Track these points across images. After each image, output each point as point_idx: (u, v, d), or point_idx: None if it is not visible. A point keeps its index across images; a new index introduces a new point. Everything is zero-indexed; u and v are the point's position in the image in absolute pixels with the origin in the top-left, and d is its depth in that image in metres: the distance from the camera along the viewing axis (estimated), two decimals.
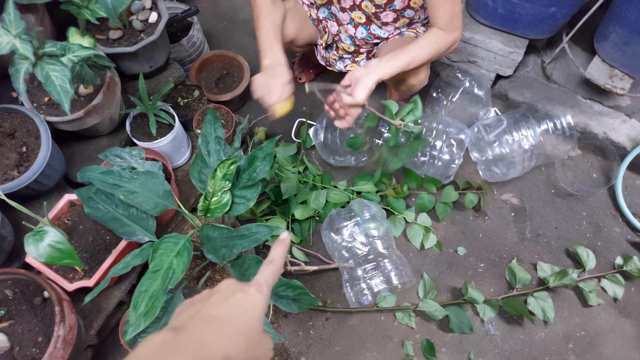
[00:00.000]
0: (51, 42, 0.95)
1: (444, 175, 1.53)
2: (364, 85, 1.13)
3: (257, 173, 1.13)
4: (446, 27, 1.18)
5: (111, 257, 1.24)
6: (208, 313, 0.41)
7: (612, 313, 1.47)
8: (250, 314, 0.43)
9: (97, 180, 1.08)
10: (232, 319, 0.41)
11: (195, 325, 0.39)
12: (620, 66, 1.54)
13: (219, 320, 0.40)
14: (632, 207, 1.61)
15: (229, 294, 0.44)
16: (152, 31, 1.41)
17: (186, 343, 0.37)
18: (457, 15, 1.18)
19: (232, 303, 0.42)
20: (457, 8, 1.17)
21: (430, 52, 1.19)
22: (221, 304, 0.42)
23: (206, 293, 0.45)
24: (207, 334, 0.38)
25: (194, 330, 0.39)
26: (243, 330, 0.41)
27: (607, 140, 1.64)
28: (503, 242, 1.58)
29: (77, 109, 1.27)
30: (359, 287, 1.39)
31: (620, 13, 1.39)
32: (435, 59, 1.26)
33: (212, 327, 0.39)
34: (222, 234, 1.08)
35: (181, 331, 0.38)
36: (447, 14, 1.17)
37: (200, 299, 0.45)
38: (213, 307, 0.42)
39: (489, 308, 1.44)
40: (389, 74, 1.16)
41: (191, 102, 1.56)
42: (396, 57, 1.17)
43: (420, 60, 1.19)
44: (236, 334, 0.40)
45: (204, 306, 0.42)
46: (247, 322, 0.42)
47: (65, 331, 1.12)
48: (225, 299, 0.43)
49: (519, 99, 1.72)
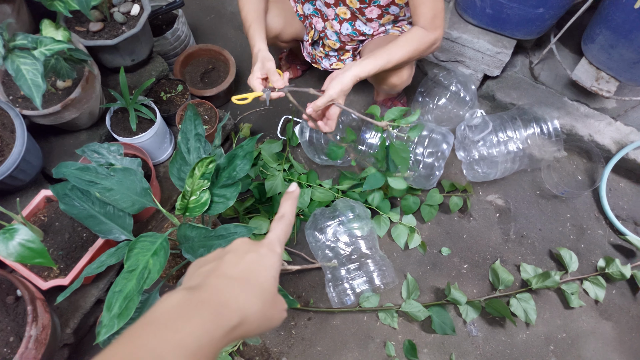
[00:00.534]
0: (22, 34, 0.92)
1: (425, 184, 1.52)
2: (338, 79, 1.09)
3: (237, 172, 1.11)
4: (428, 26, 1.16)
5: (87, 256, 1.21)
6: (224, 273, 0.41)
7: (593, 315, 1.47)
8: (265, 274, 0.42)
9: (72, 176, 1.06)
10: (248, 279, 0.41)
11: (212, 284, 0.39)
12: (606, 69, 1.54)
13: (236, 280, 0.40)
14: (615, 210, 1.62)
15: (242, 253, 0.43)
16: (133, 24, 1.37)
17: (203, 302, 0.37)
18: (440, 14, 1.16)
19: (247, 263, 0.42)
20: (440, 6, 1.16)
21: (410, 50, 1.17)
22: (236, 264, 0.42)
23: (219, 252, 0.45)
24: (225, 294, 0.38)
25: (211, 290, 0.38)
26: (258, 290, 0.40)
27: (592, 142, 1.64)
28: (487, 243, 1.58)
29: (54, 102, 1.24)
30: (341, 287, 1.37)
31: (607, 16, 1.39)
32: (418, 58, 1.25)
33: (229, 287, 0.39)
34: (200, 233, 1.06)
35: (198, 290, 0.38)
36: (429, 13, 1.15)
37: (213, 257, 0.44)
38: (229, 267, 0.41)
39: (472, 309, 1.44)
40: (367, 72, 1.13)
41: (174, 97, 1.53)
42: (375, 55, 1.15)
43: (399, 58, 1.17)
44: (252, 294, 0.40)
45: (218, 265, 0.42)
46: (262, 282, 0.41)
47: (37, 331, 1.09)
48: (239, 259, 0.42)
49: (506, 100, 1.71)
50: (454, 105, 1.60)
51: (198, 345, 0.34)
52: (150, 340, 0.33)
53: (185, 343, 0.33)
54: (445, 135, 1.45)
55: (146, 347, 0.32)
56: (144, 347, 0.32)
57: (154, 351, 0.32)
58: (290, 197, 0.52)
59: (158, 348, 0.32)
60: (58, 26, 1.03)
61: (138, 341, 0.33)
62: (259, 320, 0.39)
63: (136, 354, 0.32)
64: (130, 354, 0.32)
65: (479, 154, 1.52)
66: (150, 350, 0.32)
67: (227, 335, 0.36)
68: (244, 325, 0.38)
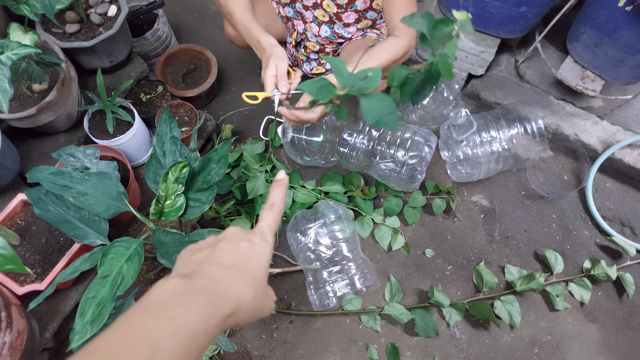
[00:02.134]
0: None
1: (408, 187, 1.50)
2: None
3: (211, 176, 1.10)
4: (404, 34, 1.14)
5: (64, 260, 1.20)
6: (218, 261, 0.41)
7: (579, 317, 1.46)
8: (257, 263, 0.43)
9: (46, 181, 1.05)
10: (242, 268, 0.41)
11: (206, 272, 0.39)
12: (592, 67, 1.52)
13: (230, 269, 0.40)
14: (601, 210, 1.61)
15: (236, 242, 0.43)
16: (110, 25, 1.35)
17: (199, 290, 0.37)
18: None
19: (241, 252, 0.42)
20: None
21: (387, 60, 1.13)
22: (230, 253, 0.42)
23: (212, 239, 0.45)
24: (219, 282, 0.38)
25: (206, 278, 0.39)
26: (252, 280, 0.41)
27: (578, 142, 1.62)
28: (471, 244, 1.57)
29: (30, 105, 1.22)
30: (323, 290, 1.36)
31: (590, 14, 1.37)
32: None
33: (223, 276, 0.39)
34: (174, 239, 1.05)
35: (192, 278, 0.38)
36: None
37: (206, 245, 0.44)
38: (223, 256, 0.41)
39: (455, 312, 1.43)
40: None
41: (154, 98, 1.52)
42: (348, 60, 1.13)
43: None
44: (245, 283, 0.40)
45: (212, 253, 0.42)
46: (254, 272, 0.42)
47: (12, 337, 1.08)
48: (233, 248, 0.43)
49: (491, 99, 1.69)
50: (438, 104, 1.58)
51: (193, 333, 0.33)
52: (146, 328, 0.32)
53: (181, 331, 0.33)
54: (427, 138, 1.43)
55: (142, 334, 0.32)
56: (139, 334, 0.32)
57: (150, 339, 0.32)
58: (280, 185, 0.52)
59: (154, 336, 0.32)
60: (27, 30, 1.01)
61: (133, 328, 0.33)
62: (251, 310, 0.40)
63: (131, 342, 0.31)
64: (126, 342, 0.31)
65: (463, 154, 1.51)
66: (146, 337, 0.32)
67: (221, 324, 0.36)
68: (236, 314, 0.38)
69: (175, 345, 0.32)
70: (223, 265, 0.40)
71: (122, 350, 0.31)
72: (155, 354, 0.31)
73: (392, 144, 1.45)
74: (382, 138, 1.47)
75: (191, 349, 0.33)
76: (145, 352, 0.31)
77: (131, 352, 0.30)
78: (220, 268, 0.40)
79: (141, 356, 0.30)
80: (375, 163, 1.48)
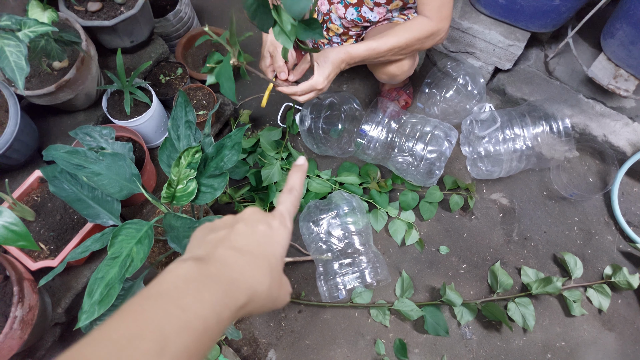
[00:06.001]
0: (7, 15, 0.90)
1: (425, 182, 1.46)
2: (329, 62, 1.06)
3: (224, 162, 1.09)
4: (433, 16, 1.10)
5: (77, 238, 1.21)
6: (233, 245, 0.39)
7: (596, 325, 1.42)
8: (274, 250, 0.41)
9: (61, 159, 1.05)
10: (259, 254, 0.39)
11: (221, 257, 0.37)
12: (626, 66, 1.45)
13: (245, 255, 0.38)
14: (627, 215, 1.54)
15: (253, 224, 0.41)
16: (132, 4, 1.35)
17: (213, 277, 0.35)
18: (447, 4, 1.10)
19: (258, 236, 0.40)
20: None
21: (408, 38, 1.11)
22: (247, 236, 0.40)
23: (229, 219, 0.43)
24: (235, 270, 0.36)
25: (220, 263, 0.37)
26: (267, 267, 0.39)
27: (606, 143, 1.56)
28: (488, 243, 1.53)
29: (50, 83, 1.22)
30: (333, 281, 1.35)
31: (628, 10, 1.30)
32: (419, 49, 1.19)
33: (239, 262, 0.37)
34: (185, 224, 1.04)
35: (206, 263, 0.36)
36: (435, 2, 1.09)
37: (223, 224, 0.42)
38: (239, 238, 0.39)
39: (467, 311, 1.40)
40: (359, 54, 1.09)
41: (173, 80, 1.51)
42: (369, 39, 1.11)
43: (393, 44, 1.12)
44: (261, 272, 0.38)
45: (228, 235, 0.40)
46: (270, 259, 0.39)
47: (24, 312, 1.10)
48: (251, 230, 0.41)
49: (517, 95, 1.64)
50: (462, 98, 1.53)
51: (205, 326, 0.32)
52: (155, 317, 0.31)
53: (192, 325, 0.31)
54: (447, 133, 1.39)
55: (150, 324, 0.30)
56: (148, 324, 0.30)
57: (158, 330, 0.30)
58: (299, 170, 0.50)
59: (163, 327, 0.30)
60: (46, 7, 1.00)
61: (141, 317, 0.31)
62: (264, 300, 0.38)
63: (139, 332, 0.29)
64: (133, 331, 0.29)
65: (485, 150, 1.46)
66: (154, 328, 0.30)
67: (234, 315, 0.35)
68: (250, 305, 0.36)
69: (185, 339, 0.30)
70: (238, 250, 0.38)
71: (129, 341, 0.29)
72: (163, 348, 0.29)
73: (411, 137, 1.41)
74: (400, 131, 1.44)
75: (202, 342, 0.31)
76: (153, 345, 0.29)
77: (138, 344, 0.29)
78: (235, 253, 0.38)
79: (149, 350, 0.29)
80: (392, 156, 1.45)
